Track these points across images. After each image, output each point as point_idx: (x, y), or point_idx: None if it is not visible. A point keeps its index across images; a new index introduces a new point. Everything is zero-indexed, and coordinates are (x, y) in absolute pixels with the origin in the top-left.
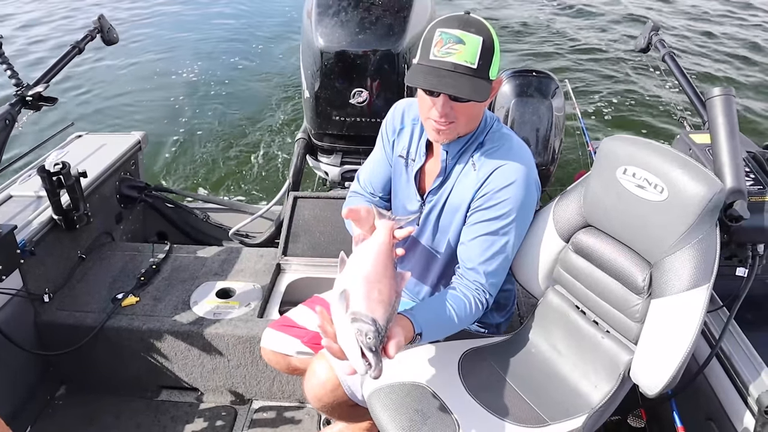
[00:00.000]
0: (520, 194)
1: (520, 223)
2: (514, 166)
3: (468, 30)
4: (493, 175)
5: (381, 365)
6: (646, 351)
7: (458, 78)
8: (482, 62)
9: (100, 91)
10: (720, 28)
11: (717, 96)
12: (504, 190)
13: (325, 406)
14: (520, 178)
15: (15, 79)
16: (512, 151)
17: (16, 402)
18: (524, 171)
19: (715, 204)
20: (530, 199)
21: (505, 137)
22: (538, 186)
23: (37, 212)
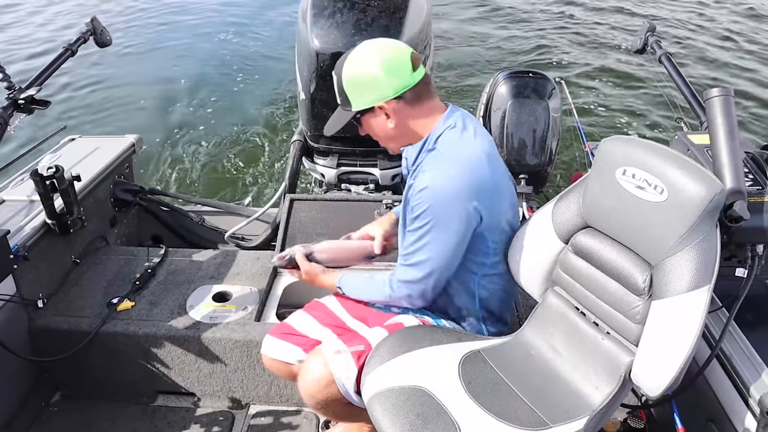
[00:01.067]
0: (433, 201)
1: (440, 230)
2: (434, 174)
3: (334, 69)
4: (418, 177)
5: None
6: (647, 352)
7: (336, 111)
8: (341, 97)
9: (94, 93)
10: (715, 26)
11: (716, 97)
12: (420, 193)
13: (319, 404)
14: (436, 186)
15: (7, 82)
16: (443, 159)
17: (10, 409)
18: (440, 180)
19: (715, 205)
20: (443, 209)
21: (447, 144)
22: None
23: (30, 217)
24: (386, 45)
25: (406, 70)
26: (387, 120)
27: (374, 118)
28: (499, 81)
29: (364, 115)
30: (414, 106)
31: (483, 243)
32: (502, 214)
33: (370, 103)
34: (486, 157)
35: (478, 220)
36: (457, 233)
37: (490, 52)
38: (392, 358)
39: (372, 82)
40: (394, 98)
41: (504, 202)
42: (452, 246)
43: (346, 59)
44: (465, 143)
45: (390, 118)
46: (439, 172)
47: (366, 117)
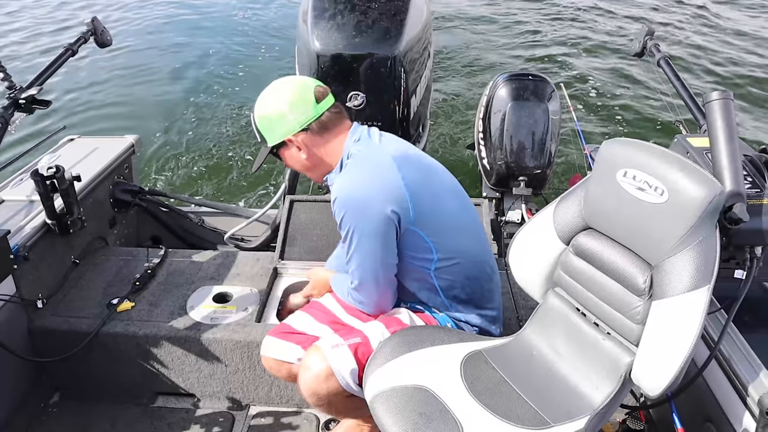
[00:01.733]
0: (345, 209)
1: (360, 236)
2: (342, 183)
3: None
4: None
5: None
6: (647, 352)
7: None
8: (258, 135)
9: (93, 94)
10: (715, 31)
11: (716, 100)
12: (334, 205)
13: (320, 400)
14: (345, 195)
15: (8, 81)
16: (351, 169)
17: (8, 410)
18: (340, 191)
19: (715, 206)
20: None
21: (355, 156)
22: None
23: (29, 217)
24: (291, 82)
25: (309, 103)
26: (299, 152)
27: (288, 151)
28: (499, 83)
29: (280, 149)
30: (322, 135)
31: (420, 240)
32: (431, 210)
33: (280, 137)
34: (394, 160)
35: (398, 222)
36: (377, 236)
37: (490, 55)
38: (394, 358)
39: (279, 118)
40: (301, 131)
41: (429, 197)
42: (377, 249)
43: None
44: (371, 150)
45: (301, 150)
46: (346, 181)
47: (282, 151)
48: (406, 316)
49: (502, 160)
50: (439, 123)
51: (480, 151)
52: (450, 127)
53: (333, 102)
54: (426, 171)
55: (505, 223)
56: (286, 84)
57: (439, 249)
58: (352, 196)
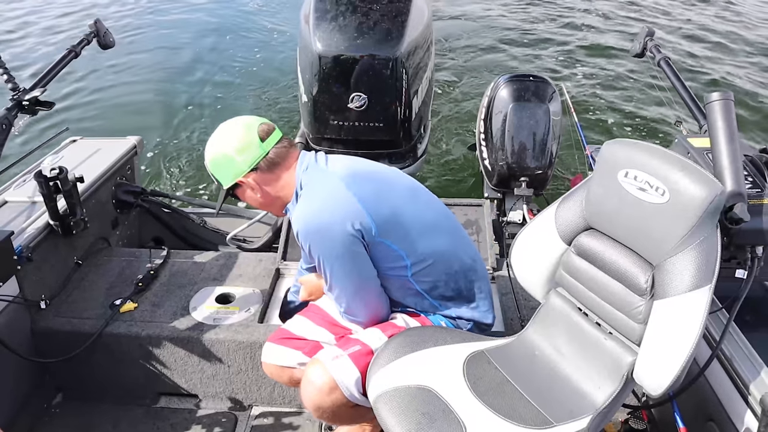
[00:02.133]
0: (308, 239)
1: (330, 261)
2: (298, 216)
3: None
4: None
5: None
6: (649, 352)
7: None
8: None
9: (96, 95)
10: (714, 32)
11: (716, 101)
12: (298, 238)
13: (325, 413)
14: (303, 226)
15: (12, 83)
16: (303, 200)
17: (11, 410)
18: (306, 218)
19: (716, 206)
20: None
21: (306, 186)
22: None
23: (32, 218)
24: (234, 125)
25: (254, 144)
26: (253, 191)
27: (243, 192)
28: (500, 85)
29: (236, 190)
30: (273, 171)
31: (389, 250)
32: (392, 219)
33: (232, 179)
34: (342, 180)
35: (361, 236)
36: (346, 257)
37: (491, 56)
38: (397, 359)
39: (228, 161)
40: (250, 171)
41: (389, 208)
42: (352, 269)
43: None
44: (319, 176)
45: (254, 190)
46: (303, 211)
47: (238, 191)
48: (401, 320)
49: (503, 161)
50: (441, 124)
51: (481, 152)
52: (451, 128)
53: (279, 137)
54: (378, 182)
55: (507, 223)
56: (230, 127)
57: (410, 254)
58: (312, 225)
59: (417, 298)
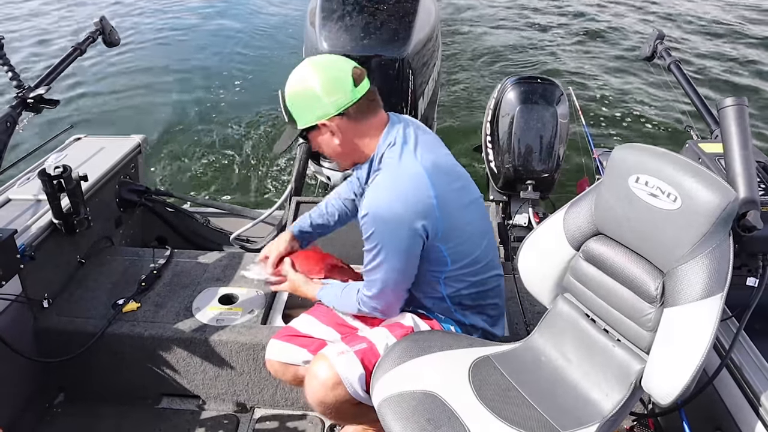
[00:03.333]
0: (376, 226)
1: (388, 251)
2: (374, 199)
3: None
4: (363, 204)
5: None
6: (658, 360)
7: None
8: (287, 114)
9: (100, 93)
10: (724, 38)
11: (730, 106)
12: (363, 220)
13: (328, 408)
14: (377, 212)
15: (16, 80)
16: (383, 183)
17: (13, 410)
18: (378, 207)
19: (729, 213)
20: (387, 233)
21: (388, 166)
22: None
23: (36, 216)
24: (326, 61)
25: (347, 86)
26: (332, 137)
27: (321, 136)
28: (508, 87)
29: (311, 132)
30: (359, 122)
31: (440, 254)
32: (457, 224)
33: (313, 120)
34: (427, 174)
35: (426, 236)
36: (405, 252)
37: (499, 58)
38: (402, 363)
39: (313, 99)
40: (337, 115)
41: (458, 210)
42: (402, 264)
43: (287, 80)
44: (405, 163)
45: (335, 135)
46: (379, 198)
47: (313, 134)
48: (410, 320)
49: (509, 164)
50: (447, 125)
51: (487, 154)
52: (457, 130)
53: (369, 86)
54: (456, 182)
55: (512, 226)
56: (321, 63)
57: (455, 261)
58: (384, 212)
59: (437, 300)
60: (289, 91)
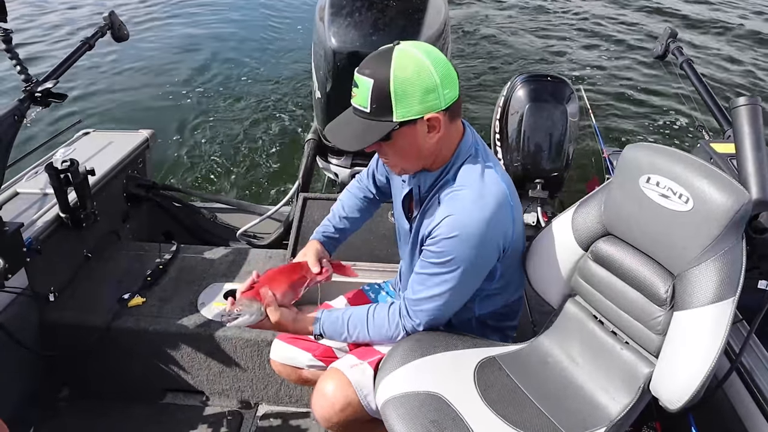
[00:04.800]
0: (463, 250)
1: (465, 277)
2: (464, 221)
3: (363, 72)
4: (444, 221)
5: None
6: (668, 364)
7: (352, 123)
8: (376, 105)
9: (109, 88)
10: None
11: (743, 105)
12: (448, 241)
13: (333, 426)
14: (466, 234)
15: (24, 74)
16: (470, 200)
17: (18, 403)
18: (473, 227)
19: (742, 215)
20: (477, 256)
21: (471, 179)
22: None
23: (43, 210)
24: (435, 51)
25: (455, 79)
26: (428, 135)
27: (414, 132)
28: (517, 84)
29: (403, 127)
30: (451, 122)
31: (493, 273)
32: (519, 242)
33: (421, 112)
34: (510, 193)
35: (499, 256)
36: (479, 271)
37: (508, 55)
38: (406, 363)
39: (430, 89)
40: (444, 110)
41: (519, 235)
42: (472, 283)
43: (384, 62)
44: (488, 179)
45: (436, 131)
46: (468, 217)
47: (404, 130)
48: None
49: (518, 162)
50: None
51: (496, 152)
52: None
53: None
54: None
55: None
56: (431, 51)
57: (499, 280)
58: (473, 232)
59: (465, 321)
60: (399, 77)
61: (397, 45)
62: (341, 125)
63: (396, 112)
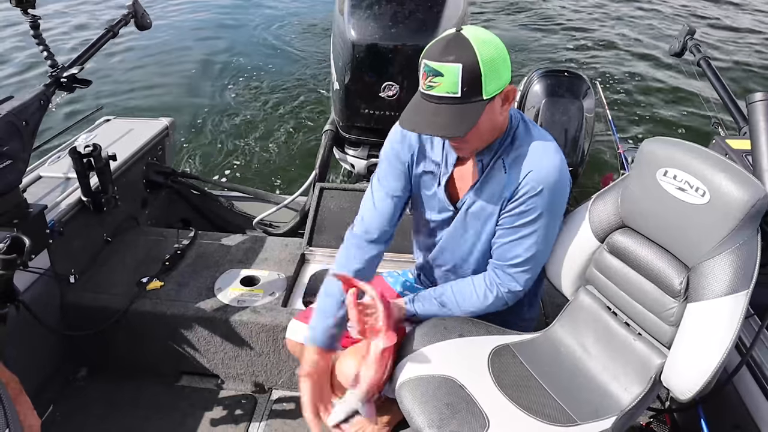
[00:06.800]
0: (550, 199)
1: (551, 225)
2: (543, 172)
3: (445, 60)
4: (524, 180)
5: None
6: (680, 355)
7: (441, 112)
8: (467, 88)
9: (131, 75)
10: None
11: (760, 101)
12: (536, 197)
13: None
14: (550, 184)
15: (51, 60)
16: (539, 152)
17: (37, 381)
18: (554, 175)
19: (758, 209)
20: (561, 201)
21: (531, 136)
22: (568, 180)
23: (65, 193)
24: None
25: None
26: (502, 107)
27: (492, 107)
28: (534, 79)
29: (487, 105)
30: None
31: None
32: None
33: (501, 86)
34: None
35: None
36: (561, 218)
37: (526, 50)
38: (423, 347)
39: (507, 63)
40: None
41: None
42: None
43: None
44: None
45: (509, 102)
46: (547, 168)
47: (488, 108)
48: None
49: None
50: None
51: None
52: None
53: None
54: None
55: None
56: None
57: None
58: (556, 181)
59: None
60: (485, 56)
61: (461, 30)
62: (427, 116)
63: (485, 90)
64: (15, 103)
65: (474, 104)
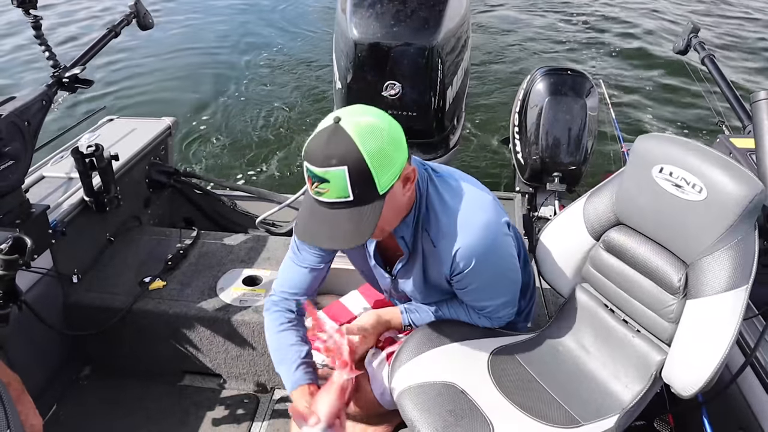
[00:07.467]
0: (490, 263)
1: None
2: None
3: (328, 164)
4: (456, 258)
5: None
6: (681, 351)
7: (338, 219)
8: (358, 190)
9: (133, 75)
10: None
11: (764, 99)
12: (471, 271)
13: (349, 416)
14: (481, 254)
15: (53, 60)
16: (460, 224)
17: (41, 381)
18: (481, 244)
19: (755, 205)
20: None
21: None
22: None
23: (68, 193)
24: (368, 107)
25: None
26: (404, 188)
27: (393, 194)
28: (537, 78)
29: (388, 193)
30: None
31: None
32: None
33: (397, 172)
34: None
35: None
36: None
37: (528, 49)
38: (421, 353)
39: (397, 145)
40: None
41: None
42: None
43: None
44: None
45: (410, 182)
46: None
47: (389, 197)
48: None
49: (536, 155)
50: (474, 115)
51: (515, 145)
52: (485, 120)
53: None
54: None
55: (538, 218)
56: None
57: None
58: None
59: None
60: (371, 149)
61: (339, 122)
62: (323, 226)
63: (379, 186)
64: (17, 103)
65: (370, 205)
